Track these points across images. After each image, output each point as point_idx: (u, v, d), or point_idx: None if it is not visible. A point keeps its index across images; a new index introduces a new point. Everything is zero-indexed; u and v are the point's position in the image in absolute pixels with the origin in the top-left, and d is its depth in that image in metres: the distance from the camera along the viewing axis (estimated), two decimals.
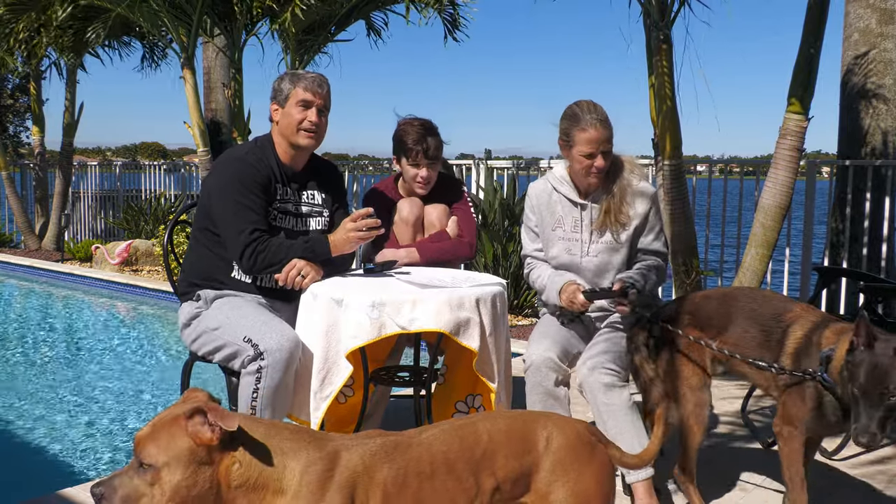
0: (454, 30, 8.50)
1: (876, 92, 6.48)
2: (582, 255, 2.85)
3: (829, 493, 2.89)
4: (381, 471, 1.58)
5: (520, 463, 1.70)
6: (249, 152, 2.81)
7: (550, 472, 1.72)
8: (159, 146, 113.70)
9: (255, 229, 2.67)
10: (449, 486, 1.62)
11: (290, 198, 2.86)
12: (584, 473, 1.73)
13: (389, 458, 1.60)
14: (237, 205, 2.68)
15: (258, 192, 2.72)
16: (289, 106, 2.80)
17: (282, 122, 2.82)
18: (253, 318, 2.61)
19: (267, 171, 2.78)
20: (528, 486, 1.72)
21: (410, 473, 1.60)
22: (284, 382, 2.51)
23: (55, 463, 3.71)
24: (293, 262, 2.69)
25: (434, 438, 1.67)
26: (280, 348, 2.49)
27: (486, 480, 1.66)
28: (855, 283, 4.82)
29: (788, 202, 5.17)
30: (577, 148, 2.74)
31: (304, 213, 2.90)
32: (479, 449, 1.67)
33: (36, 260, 9.83)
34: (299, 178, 2.90)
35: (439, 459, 1.63)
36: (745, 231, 5.59)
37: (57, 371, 5.48)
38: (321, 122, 2.84)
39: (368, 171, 9.57)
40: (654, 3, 4.89)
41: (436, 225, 3.20)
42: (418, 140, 3.11)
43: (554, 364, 2.68)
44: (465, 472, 1.64)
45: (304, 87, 2.80)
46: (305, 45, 8.26)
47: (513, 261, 6.31)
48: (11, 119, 12.75)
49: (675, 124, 5.03)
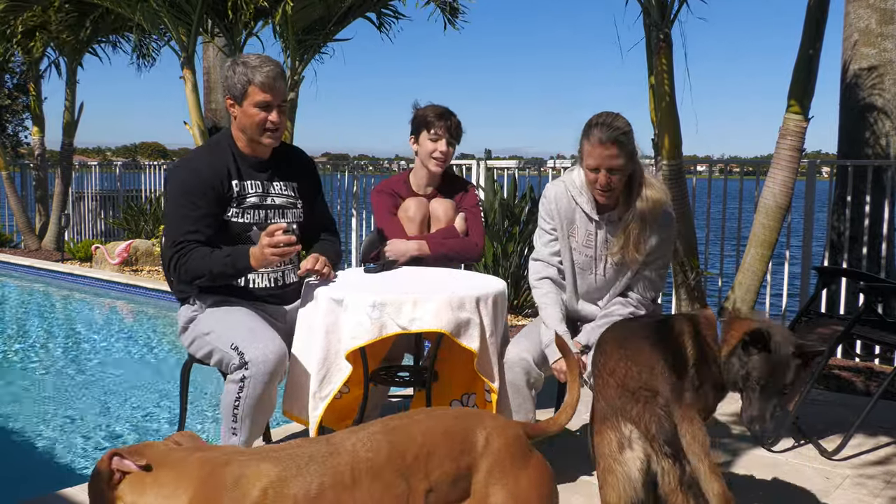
0: (454, 18, 8.47)
1: (876, 92, 6.49)
2: (591, 272, 2.80)
3: (829, 493, 2.89)
4: (290, 486, 1.54)
5: (457, 464, 1.67)
6: (196, 157, 2.77)
7: (489, 474, 1.68)
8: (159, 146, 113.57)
9: (183, 241, 2.61)
10: (375, 494, 1.58)
11: (255, 190, 2.77)
12: (522, 476, 1.70)
13: (301, 472, 1.56)
14: (174, 216, 2.66)
15: (199, 199, 2.64)
16: (246, 105, 2.69)
17: (240, 119, 2.73)
18: (242, 326, 2.60)
19: (216, 172, 2.69)
20: (467, 488, 1.68)
21: (327, 485, 1.56)
22: (267, 393, 2.50)
23: (55, 463, 3.71)
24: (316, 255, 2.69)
25: (360, 444, 1.63)
26: (265, 360, 2.47)
27: (419, 483, 1.63)
28: (855, 283, 4.82)
29: (788, 202, 5.17)
30: (585, 160, 2.65)
31: (279, 204, 2.83)
32: (411, 452, 1.64)
33: (36, 260, 9.82)
34: (267, 168, 2.82)
35: (363, 467, 1.59)
36: (745, 231, 5.60)
37: (57, 371, 5.47)
38: (282, 120, 2.75)
39: (369, 171, 9.57)
40: (654, 3, 4.89)
41: (441, 219, 3.21)
42: (441, 115, 3.16)
43: (527, 365, 2.71)
44: (394, 477, 1.60)
45: (261, 85, 2.66)
46: (305, 44, 8.25)
47: (513, 261, 6.31)
48: (10, 119, 12.74)
49: (675, 124, 5.03)
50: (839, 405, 3.87)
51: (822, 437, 3.33)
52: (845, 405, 3.84)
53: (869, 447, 3.32)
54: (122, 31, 10.80)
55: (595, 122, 2.63)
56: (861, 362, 4.84)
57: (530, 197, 6.53)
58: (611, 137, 2.57)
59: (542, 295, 2.81)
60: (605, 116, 2.63)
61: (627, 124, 2.64)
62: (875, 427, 3.49)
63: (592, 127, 2.62)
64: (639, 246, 2.69)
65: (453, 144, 3.18)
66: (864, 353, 5.08)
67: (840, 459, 3.18)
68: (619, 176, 2.62)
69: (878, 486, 2.95)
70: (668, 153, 4.99)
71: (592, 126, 2.62)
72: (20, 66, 11.61)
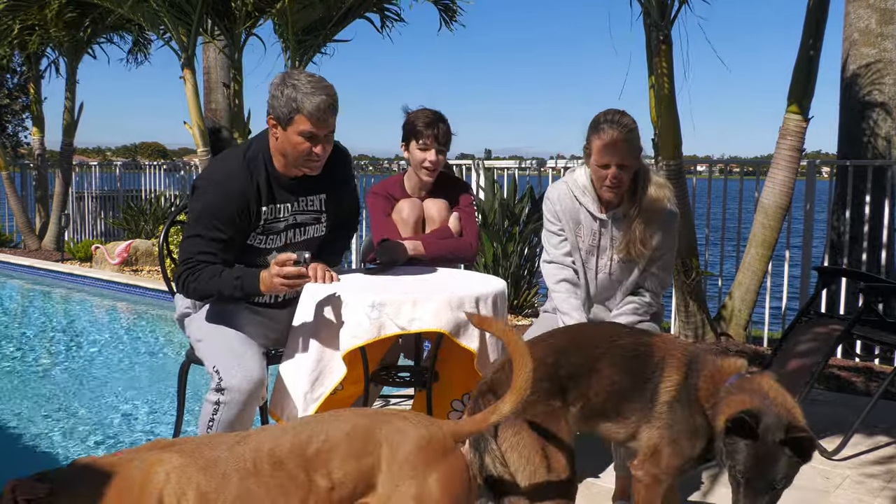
0: (450, 20, 8.46)
1: (876, 92, 6.49)
2: (599, 271, 2.80)
3: (829, 493, 2.88)
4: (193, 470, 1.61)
5: (358, 464, 1.67)
6: (229, 179, 2.55)
7: (393, 475, 1.68)
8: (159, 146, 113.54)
9: (197, 261, 2.52)
10: (275, 482, 1.63)
11: (285, 214, 2.67)
12: (430, 477, 1.69)
13: (204, 459, 1.64)
14: (193, 234, 2.55)
15: (223, 225, 2.53)
16: (291, 132, 2.51)
17: (282, 143, 2.56)
18: (226, 346, 2.58)
19: (247, 199, 2.55)
20: (371, 488, 1.69)
21: (230, 471, 1.63)
22: (240, 419, 2.50)
23: (55, 463, 3.70)
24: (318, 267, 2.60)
25: (266, 435, 1.70)
26: (240, 389, 2.46)
27: (321, 480, 1.65)
28: (855, 284, 4.82)
29: (788, 202, 5.18)
30: (593, 156, 2.64)
31: (300, 222, 2.72)
32: (312, 447, 1.67)
33: (36, 260, 9.82)
34: (299, 185, 2.68)
35: (265, 457, 1.65)
36: (745, 231, 5.60)
37: (57, 371, 5.47)
38: (327, 150, 2.59)
39: (369, 171, 9.57)
40: (654, 3, 4.89)
41: (436, 219, 3.20)
42: (429, 124, 3.14)
43: None
44: (295, 468, 1.65)
45: (310, 114, 2.47)
46: (305, 44, 8.26)
47: (513, 261, 6.31)
48: (10, 119, 12.74)
49: (675, 124, 5.03)
50: (839, 405, 3.87)
51: (822, 437, 3.33)
52: (845, 405, 3.83)
53: (869, 447, 3.32)
54: (120, 31, 10.81)
55: (604, 119, 2.63)
56: (861, 362, 4.84)
57: (530, 197, 6.53)
58: (621, 133, 2.58)
59: (563, 300, 2.77)
60: (612, 114, 2.65)
61: (634, 121, 2.67)
62: (875, 427, 3.49)
63: (601, 123, 2.62)
64: (645, 242, 2.69)
65: (443, 152, 3.18)
66: (864, 353, 5.08)
67: (840, 459, 3.18)
68: (628, 172, 2.63)
69: (878, 486, 2.94)
70: (669, 153, 4.99)
71: (601, 122, 2.63)
72: (20, 66, 11.59)
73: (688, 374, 2.06)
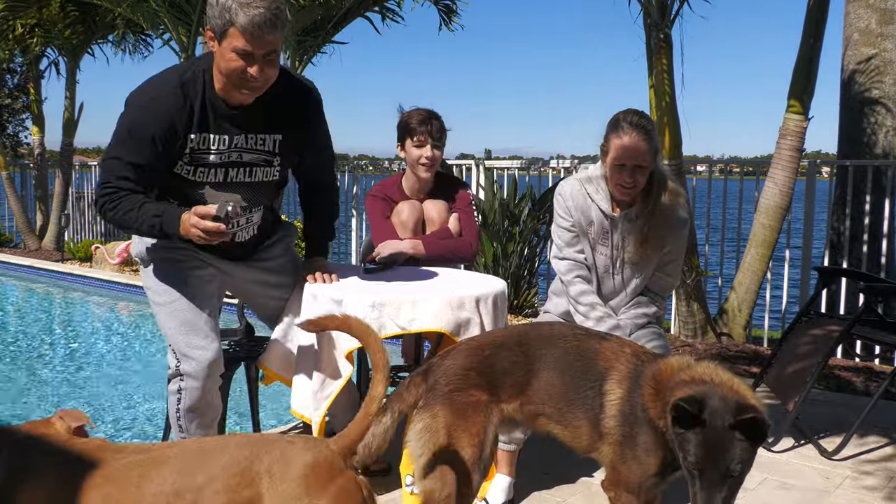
0: (450, 20, 8.46)
1: (876, 92, 6.49)
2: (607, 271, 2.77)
3: (829, 492, 2.89)
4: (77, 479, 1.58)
5: (233, 498, 1.56)
6: (160, 96, 2.33)
7: None
8: None
9: (116, 186, 2.32)
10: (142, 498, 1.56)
11: (218, 147, 2.40)
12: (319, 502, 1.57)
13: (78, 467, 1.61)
14: (113, 153, 2.35)
15: (144, 147, 2.30)
16: (225, 47, 2.23)
17: (218, 60, 2.29)
18: (178, 326, 2.52)
19: (174, 120, 2.31)
20: None
21: None
22: (204, 399, 2.50)
23: None
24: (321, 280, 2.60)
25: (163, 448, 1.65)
26: (196, 373, 2.47)
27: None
28: (855, 283, 4.82)
29: (788, 202, 5.18)
30: (610, 155, 2.60)
31: (246, 161, 2.46)
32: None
33: (36, 260, 9.81)
34: (244, 118, 2.40)
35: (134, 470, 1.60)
36: (745, 231, 5.60)
37: (56, 371, 5.47)
38: (267, 73, 2.29)
39: (369, 171, 9.56)
40: (654, 3, 4.89)
41: (435, 221, 3.20)
42: (423, 121, 3.15)
43: None
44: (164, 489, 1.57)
45: (243, 29, 2.17)
46: (304, 45, 8.26)
47: (513, 261, 6.31)
48: (10, 119, 12.73)
49: (675, 124, 5.03)
50: (839, 405, 3.87)
51: (822, 437, 3.33)
52: (845, 405, 3.83)
53: (869, 447, 3.32)
54: (119, 31, 10.80)
55: (623, 119, 2.61)
56: (861, 362, 4.84)
57: (530, 197, 6.53)
58: (640, 134, 2.56)
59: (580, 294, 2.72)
60: (632, 114, 2.62)
61: (652, 123, 2.65)
62: (875, 427, 3.49)
63: (621, 122, 2.60)
64: (655, 245, 2.68)
65: (439, 147, 3.18)
66: (864, 353, 5.08)
67: (840, 459, 3.18)
68: (643, 173, 2.60)
69: (878, 486, 2.94)
70: (668, 153, 4.99)
71: (621, 122, 2.60)
72: (20, 66, 11.59)
73: (631, 389, 1.97)
